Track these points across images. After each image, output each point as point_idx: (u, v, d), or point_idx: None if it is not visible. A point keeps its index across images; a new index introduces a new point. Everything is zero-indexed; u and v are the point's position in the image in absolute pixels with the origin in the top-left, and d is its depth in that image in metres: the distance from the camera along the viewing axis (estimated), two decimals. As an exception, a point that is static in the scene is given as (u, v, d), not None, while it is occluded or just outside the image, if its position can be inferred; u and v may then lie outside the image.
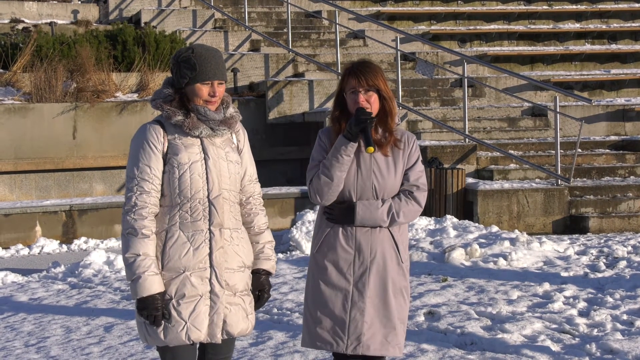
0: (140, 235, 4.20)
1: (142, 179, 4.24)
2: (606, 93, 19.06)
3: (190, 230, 4.27)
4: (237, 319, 4.36)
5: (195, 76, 4.28)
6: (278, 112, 16.14)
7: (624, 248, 10.87)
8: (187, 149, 4.29)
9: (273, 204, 13.57)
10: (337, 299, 4.50)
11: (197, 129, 4.29)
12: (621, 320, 7.52)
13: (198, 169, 4.27)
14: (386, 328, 4.51)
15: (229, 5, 20.08)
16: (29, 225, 12.94)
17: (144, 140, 4.28)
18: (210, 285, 4.27)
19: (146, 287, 4.16)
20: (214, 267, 4.27)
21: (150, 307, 4.17)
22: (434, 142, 14.34)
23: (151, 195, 4.24)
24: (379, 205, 4.48)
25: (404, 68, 17.36)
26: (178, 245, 4.25)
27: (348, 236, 4.51)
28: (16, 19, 19.09)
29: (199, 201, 4.27)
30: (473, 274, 9.51)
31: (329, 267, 4.52)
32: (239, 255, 4.38)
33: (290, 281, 9.38)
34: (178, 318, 4.23)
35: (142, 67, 16.41)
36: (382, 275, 4.50)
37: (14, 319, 8.19)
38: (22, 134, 14.95)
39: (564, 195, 13.11)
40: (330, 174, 4.42)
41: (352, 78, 4.48)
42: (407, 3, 21.57)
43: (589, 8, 21.93)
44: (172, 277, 4.24)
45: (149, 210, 4.23)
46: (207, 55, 4.30)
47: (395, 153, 4.55)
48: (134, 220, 4.21)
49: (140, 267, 4.17)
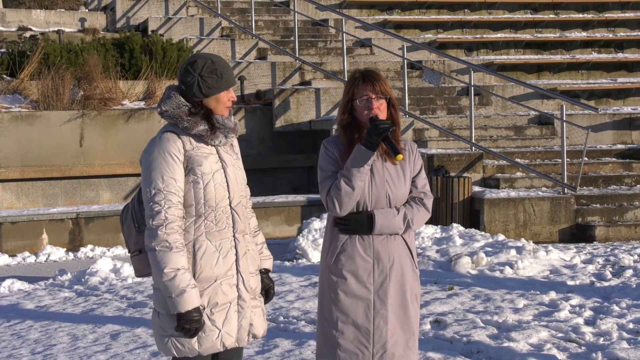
0: (175, 249, 4.18)
1: (170, 192, 4.22)
2: (613, 102, 19.05)
3: (217, 239, 4.31)
4: (261, 320, 4.49)
5: (221, 85, 4.33)
6: (285, 120, 16.16)
7: (630, 257, 10.85)
8: (206, 158, 4.32)
9: (279, 211, 13.58)
10: (358, 309, 4.50)
11: (217, 138, 4.34)
12: (627, 329, 7.51)
13: (219, 177, 4.32)
14: (407, 334, 4.54)
15: (236, 14, 20.13)
16: (35, 232, 12.95)
17: (166, 151, 4.26)
18: (238, 290, 4.35)
19: (190, 301, 4.16)
20: (240, 273, 4.36)
21: (192, 320, 4.18)
22: (440, 151, 14.34)
23: (179, 208, 4.25)
24: (396, 213, 4.51)
25: (411, 76, 17.38)
26: (208, 255, 4.28)
27: (366, 245, 4.51)
28: (24, 27, 19.16)
29: (222, 210, 4.31)
30: (479, 283, 9.51)
31: (348, 277, 4.52)
32: (255, 258, 4.49)
33: (297, 289, 9.38)
34: (212, 327, 4.27)
35: (149, 75, 16.44)
36: (401, 282, 4.53)
37: (20, 326, 8.21)
38: (29, 141, 14.98)
39: (570, 203, 13.10)
40: (352, 184, 4.42)
41: (366, 85, 4.48)
42: (414, 12, 21.60)
43: (596, 17, 21.95)
44: (204, 287, 4.27)
45: (179, 224, 4.24)
46: (223, 63, 4.38)
47: (403, 161, 4.57)
48: (167, 234, 4.18)
49: (183, 281, 4.15)
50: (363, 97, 4.48)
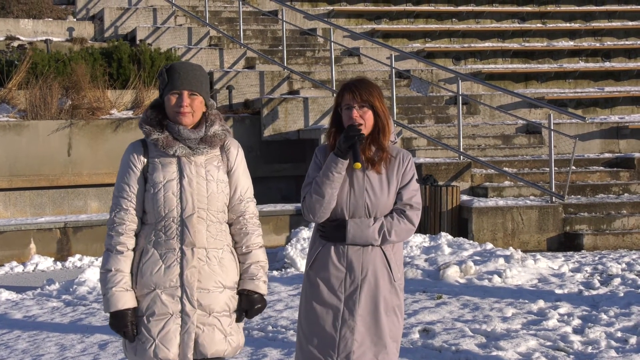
0: (115, 252, 4.26)
1: (121, 197, 4.30)
2: (600, 110, 19.12)
3: (164, 249, 4.27)
4: (211, 339, 4.28)
5: (166, 87, 4.29)
6: (273, 130, 16.17)
7: (618, 265, 10.88)
8: (164, 167, 4.29)
9: (268, 221, 13.57)
10: (327, 317, 4.48)
11: (171, 147, 4.28)
12: (615, 337, 7.53)
13: (172, 187, 4.27)
14: (377, 346, 4.47)
15: (224, 23, 20.14)
16: (23, 242, 12.91)
17: (125, 160, 4.35)
18: (182, 304, 4.25)
19: (114, 303, 4.21)
20: (185, 287, 4.25)
21: (119, 323, 4.23)
22: (428, 160, 14.36)
23: (129, 212, 4.28)
24: (370, 224, 4.45)
25: (399, 85, 17.41)
26: (151, 262, 4.26)
27: (340, 254, 4.49)
28: (12, 37, 19.13)
29: (172, 220, 4.27)
30: (468, 291, 9.52)
31: (320, 285, 4.51)
32: (215, 275, 4.31)
33: (285, 299, 9.37)
34: (147, 335, 4.24)
35: (138, 84, 16.43)
36: (374, 294, 4.47)
37: (8, 336, 8.17)
38: (17, 151, 14.95)
39: (558, 212, 13.13)
40: (321, 191, 4.41)
41: (347, 93, 4.48)
42: (402, 21, 21.66)
43: (583, 26, 22.05)
44: (144, 293, 4.26)
45: (126, 227, 4.27)
46: (179, 67, 4.31)
47: (390, 171, 4.52)
48: (111, 237, 4.28)
49: (109, 282, 4.23)
50: (345, 106, 4.49)
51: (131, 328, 4.23)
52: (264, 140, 16.26)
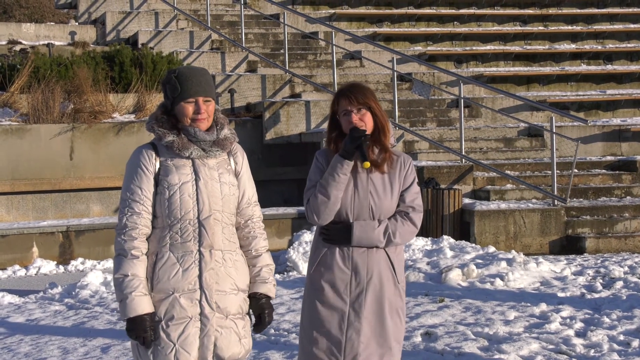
0: (130, 256, 4.18)
1: (133, 200, 4.23)
2: (602, 113, 19.10)
3: (180, 252, 4.23)
4: (229, 342, 4.27)
5: (179, 95, 4.27)
6: (275, 133, 16.17)
7: (621, 268, 10.88)
8: (178, 170, 4.27)
9: (270, 224, 13.57)
10: (333, 319, 4.49)
11: (187, 149, 4.27)
12: (618, 340, 7.53)
13: (188, 189, 4.25)
14: (382, 348, 4.50)
15: (226, 27, 20.15)
16: (25, 246, 12.93)
17: (136, 163, 4.28)
18: (200, 307, 4.21)
19: (133, 308, 4.13)
20: (203, 289, 4.22)
21: (138, 328, 4.14)
22: (430, 163, 14.35)
23: (142, 216, 4.23)
24: (376, 226, 4.48)
25: (401, 89, 17.41)
26: (167, 266, 4.21)
27: (345, 256, 4.51)
28: (14, 41, 19.16)
29: (189, 222, 4.23)
30: (470, 295, 9.52)
31: (325, 287, 4.52)
32: (231, 277, 4.30)
33: (287, 302, 9.37)
34: (167, 340, 4.18)
35: (139, 88, 16.44)
36: (379, 296, 4.50)
37: (10, 340, 8.18)
38: (19, 154, 14.97)
39: (560, 215, 13.13)
40: (327, 192, 4.43)
41: (343, 99, 4.51)
42: (404, 24, 21.67)
43: (585, 29, 22.04)
44: (161, 298, 4.20)
45: (139, 232, 4.22)
46: (189, 73, 4.29)
47: (392, 174, 4.56)
48: (124, 241, 4.21)
49: (127, 287, 4.14)
50: (343, 111, 4.52)
51: (150, 334, 4.16)
52: (265, 143, 16.27)
